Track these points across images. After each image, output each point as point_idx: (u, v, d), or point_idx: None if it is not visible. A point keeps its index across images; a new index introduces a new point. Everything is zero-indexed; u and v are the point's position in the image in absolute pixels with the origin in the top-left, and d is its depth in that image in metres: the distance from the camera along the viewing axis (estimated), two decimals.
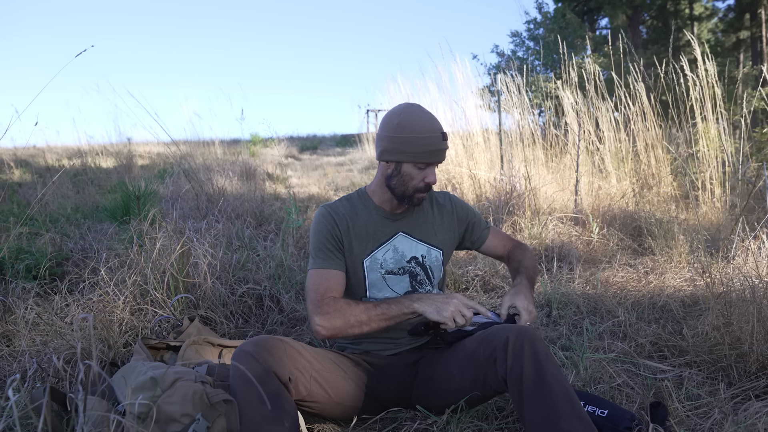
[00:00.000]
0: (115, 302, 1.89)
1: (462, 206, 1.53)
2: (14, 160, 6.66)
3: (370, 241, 1.38)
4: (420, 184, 1.33)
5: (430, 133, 1.29)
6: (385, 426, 1.34)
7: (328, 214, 1.38)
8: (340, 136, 17.85)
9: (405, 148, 1.29)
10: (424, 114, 1.31)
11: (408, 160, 1.30)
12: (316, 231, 1.37)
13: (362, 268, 1.37)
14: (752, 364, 1.55)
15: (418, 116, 1.30)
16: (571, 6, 13.45)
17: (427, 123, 1.30)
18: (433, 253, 1.43)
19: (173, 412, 1.09)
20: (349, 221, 1.37)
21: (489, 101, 5.06)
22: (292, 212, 3.01)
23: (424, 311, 1.21)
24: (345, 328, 1.21)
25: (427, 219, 1.45)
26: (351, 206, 1.41)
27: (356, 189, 1.47)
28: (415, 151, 1.29)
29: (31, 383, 1.42)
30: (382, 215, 1.40)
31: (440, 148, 1.31)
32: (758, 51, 12.77)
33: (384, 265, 1.38)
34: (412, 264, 1.41)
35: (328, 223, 1.36)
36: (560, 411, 1.03)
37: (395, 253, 1.40)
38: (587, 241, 3.07)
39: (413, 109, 1.32)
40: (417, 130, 1.28)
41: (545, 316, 2.15)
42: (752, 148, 3.74)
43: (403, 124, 1.29)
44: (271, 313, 2.16)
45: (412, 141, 1.28)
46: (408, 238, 1.41)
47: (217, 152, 6.71)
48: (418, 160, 1.30)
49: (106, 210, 3.43)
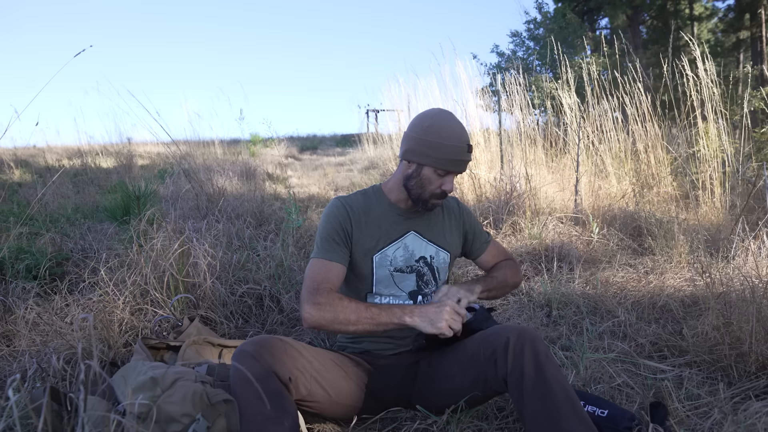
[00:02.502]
0: (115, 302, 1.89)
1: (469, 215, 1.55)
2: (14, 160, 6.66)
3: (382, 237, 1.38)
4: (437, 190, 1.33)
5: (458, 143, 1.29)
6: (385, 426, 1.34)
7: (342, 206, 1.38)
8: (340, 136, 17.85)
9: (430, 151, 1.30)
10: (454, 123, 1.32)
11: (430, 164, 1.31)
12: (326, 221, 1.37)
13: (371, 264, 1.37)
14: (752, 364, 1.55)
15: (448, 123, 1.31)
16: (571, 6, 13.43)
17: (456, 132, 1.30)
18: (441, 255, 1.44)
19: (173, 412, 1.09)
20: (362, 216, 1.38)
21: (489, 101, 5.06)
22: (292, 212, 3.01)
23: (416, 325, 1.21)
24: (332, 322, 1.20)
25: (438, 221, 1.47)
26: (366, 200, 1.41)
27: (371, 186, 1.47)
28: (438, 156, 1.29)
29: (31, 383, 1.42)
30: (396, 212, 1.41)
31: (464, 159, 1.31)
32: (758, 51, 12.76)
33: (393, 263, 1.39)
34: (421, 263, 1.41)
35: (341, 214, 1.36)
36: (561, 411, 1.03)
37: (405, 251, 1.40)
38: (587, 241, 3.07)
39: (445, 116, 1.33)
40: (445, 137, 1.29)
41: (545, 316, 2.15)
42: (752, 148, 3.73)
43: (433, 128, 1.30)
44: (271, 313, 2.16)
45: (438, 146, 1.29)
46: (419, 237, 1.42)
47: (217, 152, 6.70)
48: (440, 166, 1.30)
49: (106, 210, 3.43)
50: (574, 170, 3.86)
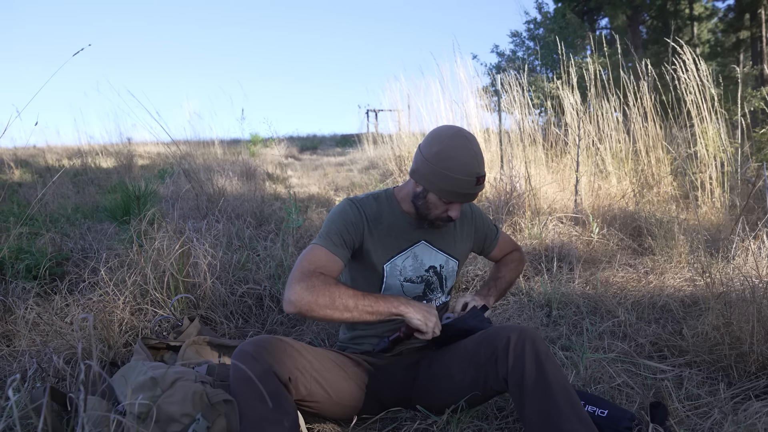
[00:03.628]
0: (115, 302, 1.89)
1: (481, 217, 1.54)
2: (14, 160, 6.66)
3: (392, 245, 1.36)
4: (443, 215, 1.31)
5: (465, 176, 1.22)
6: (385, 426, 1.34)
7: (356, 208, 1.34)
8: (340, 136, 17.84)
9: (435, 179, 1.24)
10: (465, 152, 1.22)
11: (434, 192, 1.26)
12: (339, 217, 1.31)
13: (382, 272, 1.36)
14: (752, 364, 1.55)
15: (458, 153, 1.22)
16: (571, 6, 13.44)
17: (465, 164, 1.22)
18: (450, 264, 1.44)
19: (173, 412, 1.09)
20: (375, 223, 1.35)
21: (489, 101, 5.06)
22: (292, 212, 3.01)
23: (411, 318, 1.21)
24: (327, 307, 1.15)
25: (449, 229, 1.44)
26: (378, 207, 1.37)
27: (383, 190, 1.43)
28: (443, 188, 1.24)
29: (31, 383, 1.42)
30: (408, 221, 1.38)
31: (471, 192, 1.25)
32: (758, 51, 12.77)
33: (403, 272, 1.37)
34: (430, 273, 1.41)
35: (355, 216, 1.32)
36: (561, 411, 1.03)
37: (415, 260, 1.39)
38: (587, 241, 3.07)
39: (458, 142, 1.23)
40: (452, 168, 1.21)
41: (545, 316, 2.15)
42: (752, 148, 3.73)
43: (441, 155, 1.22)
44: (271, 313, 2.16)
45: (444, 177, 1.22)
46: (429, 247, 1.41)
47: (217, 152, 6.70)
48: (444, 197, 1.26)
49: (106, 210, 3.43)
50: (574, 170, 3.86)
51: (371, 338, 1.39)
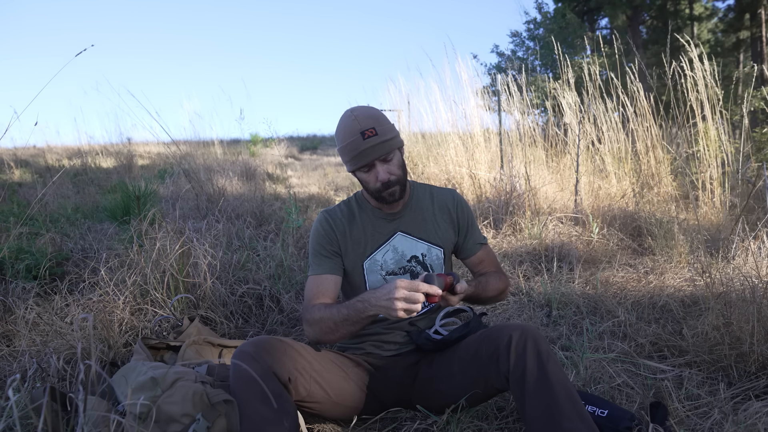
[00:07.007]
0: (115, 302, 1.89)
1: (464, 210, 1.46)
2: (14, 160, 6.66)
3: (369, 243, 1.38)
4: (377, 184, 1.30)
5: (351, 138, 1.26)
6: (385, 426, 1.34)
7: (325, 219, 1.39)
8: None
9: (343, 158, 1.31)
10: (347, 119, 1.28)
11: (350, 167, 1.31)
12: (312, 238, 1.40)
13: (362, 271, 1.38)
14: (752, 364, 1.55)
15: (342, 123, 1.30)
16: (571, 6, 13.44)
17: (348, 128, 1.27)
18: (433, 252, 1.42)
19: (173, 412, 1.09)
20: (346, 225, 1.38)
21: (489, 101, 5.06)
22: (292, 212, 3.01)
23: (380, 314, 1.15)
24: (326, 334, 1.23)
25: (427, 217, 1.43)
26: (348, 210, 1.41)
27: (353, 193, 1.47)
28: (347, 159, 1.30)
29: (31, 383, 1.42)
30: (379, 216, 1.40)
31: (363, 148, 1.25)
32: (758, 51, 12.77)
33: (384, 266, 1.38)
34: (413, 263, 1.40)
35: (323, 228, 1.38)
36: (562, 410, 1.03)
37: (395, 253, 1.39)
38: (587, 241, 3.07)
39: (341, 120, 1.31)
40: (342, 138, 1.29)
41: (545, 316, 2.15)
42: (752, 148, 3.73)
43: (337, 135, 1.31)
44: (271, 313, 2.16)
45: (343, 150, 1.29)
46: (407, 237, 1.41)
47: (218, 152, 6.70)
48: (353, 167, 1.30)
49: (106, 210, 3.43)
50: (574, 170, 3.86)
51: (371, 338, 1.40)
